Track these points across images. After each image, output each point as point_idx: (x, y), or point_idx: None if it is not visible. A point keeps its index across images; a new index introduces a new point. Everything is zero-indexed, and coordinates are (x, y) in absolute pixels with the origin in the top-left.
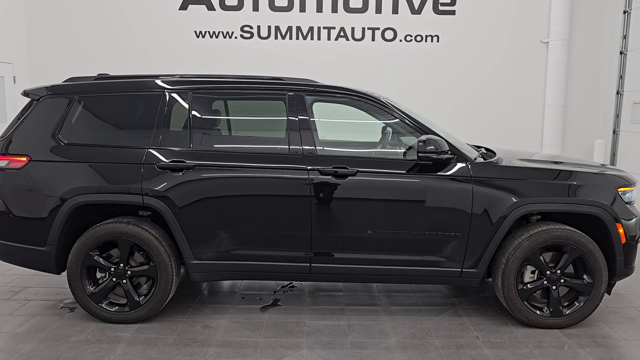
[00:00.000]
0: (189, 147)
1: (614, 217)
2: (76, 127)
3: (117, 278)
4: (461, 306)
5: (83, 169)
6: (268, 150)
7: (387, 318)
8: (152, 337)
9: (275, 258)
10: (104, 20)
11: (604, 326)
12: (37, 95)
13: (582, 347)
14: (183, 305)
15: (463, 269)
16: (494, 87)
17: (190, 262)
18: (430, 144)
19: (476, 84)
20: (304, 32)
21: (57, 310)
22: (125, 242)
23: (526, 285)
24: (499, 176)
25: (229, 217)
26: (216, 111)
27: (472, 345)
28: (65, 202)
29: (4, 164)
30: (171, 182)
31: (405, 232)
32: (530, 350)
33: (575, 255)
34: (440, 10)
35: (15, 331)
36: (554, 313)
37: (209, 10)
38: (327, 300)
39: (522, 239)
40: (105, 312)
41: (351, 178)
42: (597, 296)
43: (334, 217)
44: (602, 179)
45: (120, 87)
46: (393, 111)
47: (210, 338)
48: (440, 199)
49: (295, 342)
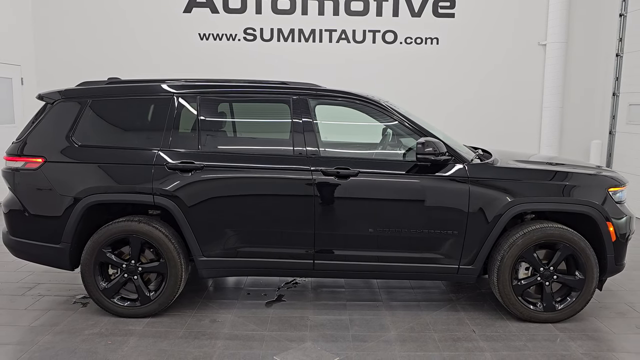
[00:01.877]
0: (197, 148)
1: (605, 216)
2: (89, 130)
3: (129, 274)
4: (458, 301)
5: (96, 170)
6: (273, 152)
7: (387, 313)
8: (162, 330)
9: (279, 255)
10: (110, 23)
11: (595, 320)
12: (52, 99)
13: (574, 340)
14: (191, 300)
15: (460, 265)
16: (493, 89)
17: (198, 259)
18: (428, 146)
19: (475, 86)
20: (306, 35)
21: (70, 305)
22: (137, 239)
23: (520, 282)
24: (494, 177)
25: (235, 216)
26: (223, 114)
27: (468, 339)
28: (79, 202)
29: (20, 165)
30: (180, 182)
31: (405, 230)
32: (524, 343)
33: (567, 252)
34: (440, 13)
35: (32, 325)
36: (547, 308)
37: (212, 13)
38: (329, 296)
39: (516, 237)
40: (117, 307)
41: (353, 178)
42: (589, 292)
43: (337, 216)
44: (594, 180)
45: (131, 91)
46: (393, 114)
47: (218, 331)
48: (438, 198)
49: (299, 335)
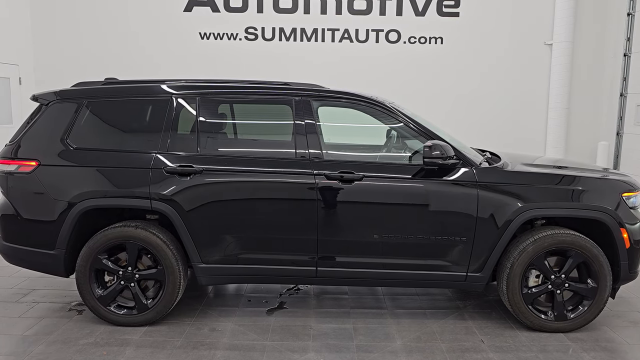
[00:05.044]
0: (196, 151)
1: (618, 221)
2: (84, 132)
3: (125, 281)
4: (466, 310)
5: (91, 174)
6: (275, 155)
7: (393, 321)
8: (160, 340)
9: (281, 262)
10: (109, 22)
11: (608, 330)
12: (46, 100)
13: (587, 351)
14: (190, 308)
15: (468, 272)
16: (498, 89)
17: (197, 266)
18: (436, 149)
19: (479, 86)
20: (308, 34)
21: (66, 312)
22: (134, 245)
23: (531, 290)
24: (504, 181)
25: (236, 221)
26: (223, 116)
27: (477, 349)
28: (74, 206)
29: (13, 168)
30: (179, 186)
31: (411, 236)
32: (534, 354)
33: (579, 259)
34: (444, 12)
35: (25, 334)
36: (559, 317)
37: (213, 12)
38: (332, 304)
39: (526, 243)
40: (114, 315)
41: (357, 183)
42: (602, 300)
43: (340, 222)
44: (607, 184)
45: (128, 92)
46: (398, 116)
47: (218, 341)
48: (445, 203)
49: (302, 345)
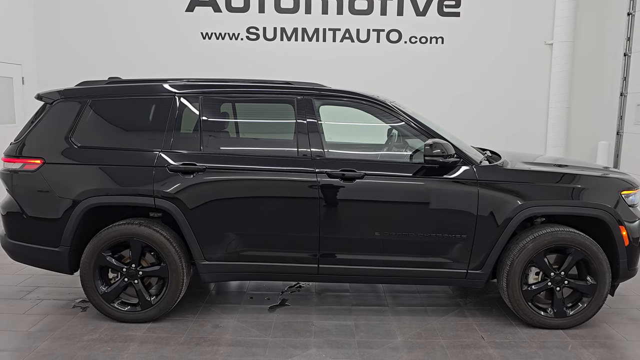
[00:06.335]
0: (199, 150)
1: (617, 219)
2: (88, 131)
3: (129, 278)
4: (466, 307)
5: (96, 172)
6: (277, 153)
7: (394, 318)
8: (163, 336)
9: (283, 259)
10: (111, 21)
11: (607, 327)
12: (50, 99)
13: (586, 348)
14: (193, 305)
15: (468, 270)
16: (498, 89)
17: (200, 263)
18: (436, 148)
19: (480, 86)
20: (310, 34)
21: (70, 309)
22: (137, 243)
23: (530, 287)
24: (504, 179)
25: (238, 219)
26: (226, 114)
27: (477, 345)
28: (79, 204)
29: (18, 167)
30: (182, 184)
31: (412, 234)
32: (534, 350)
33: (579, 257)
34: (445, 12)
35: (30, 330)
36: (558, 314)
37: (215, 12)
38: (334, 301)
39: (526, 241)
40: (117, 312)
41: (359, 181)
42: (601, 297)
43: (342, 219)
44: (606, 182)
45: (131, 91)
46: (399, 114)
47: (220, 337)
48: (446, 201)
49: (304, 341)
